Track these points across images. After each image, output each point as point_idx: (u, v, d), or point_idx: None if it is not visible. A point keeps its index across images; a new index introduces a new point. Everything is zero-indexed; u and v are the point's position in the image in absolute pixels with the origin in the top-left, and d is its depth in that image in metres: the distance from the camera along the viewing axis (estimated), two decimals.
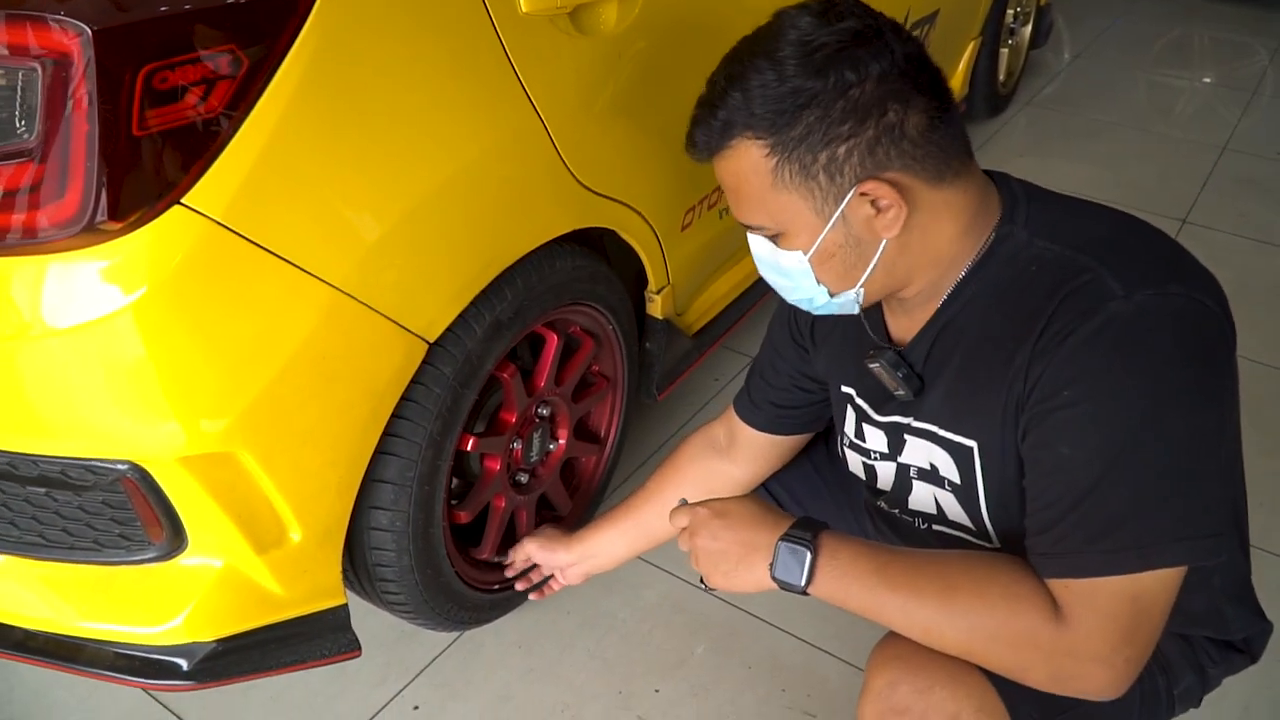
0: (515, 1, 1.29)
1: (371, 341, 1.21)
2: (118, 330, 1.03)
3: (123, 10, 0.95)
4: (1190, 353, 0.88)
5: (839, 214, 0.95)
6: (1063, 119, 3.92)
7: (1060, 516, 0.91)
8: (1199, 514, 0.88)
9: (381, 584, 1.42)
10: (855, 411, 1.18)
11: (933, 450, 1.07)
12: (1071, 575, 0.90)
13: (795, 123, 0.91)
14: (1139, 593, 0.88)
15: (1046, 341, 0.91)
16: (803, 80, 0.90)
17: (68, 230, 0.99)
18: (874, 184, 0.92)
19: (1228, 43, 5.00)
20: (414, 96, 1.19)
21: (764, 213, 0.98)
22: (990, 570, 0.95)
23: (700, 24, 1.64)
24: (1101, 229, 0.97)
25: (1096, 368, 0.88)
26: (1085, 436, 0.89)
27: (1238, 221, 3.12)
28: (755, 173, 0.95)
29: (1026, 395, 0.93)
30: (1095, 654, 0.89)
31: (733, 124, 0.94)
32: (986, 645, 0.93)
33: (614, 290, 1.65)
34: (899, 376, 1.06)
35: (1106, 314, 0.88)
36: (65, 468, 1.14)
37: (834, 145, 0.92)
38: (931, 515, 1.13)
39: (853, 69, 0.90)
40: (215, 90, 1.02)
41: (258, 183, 1.06)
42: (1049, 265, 0.94)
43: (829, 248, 0.97)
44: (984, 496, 1.05)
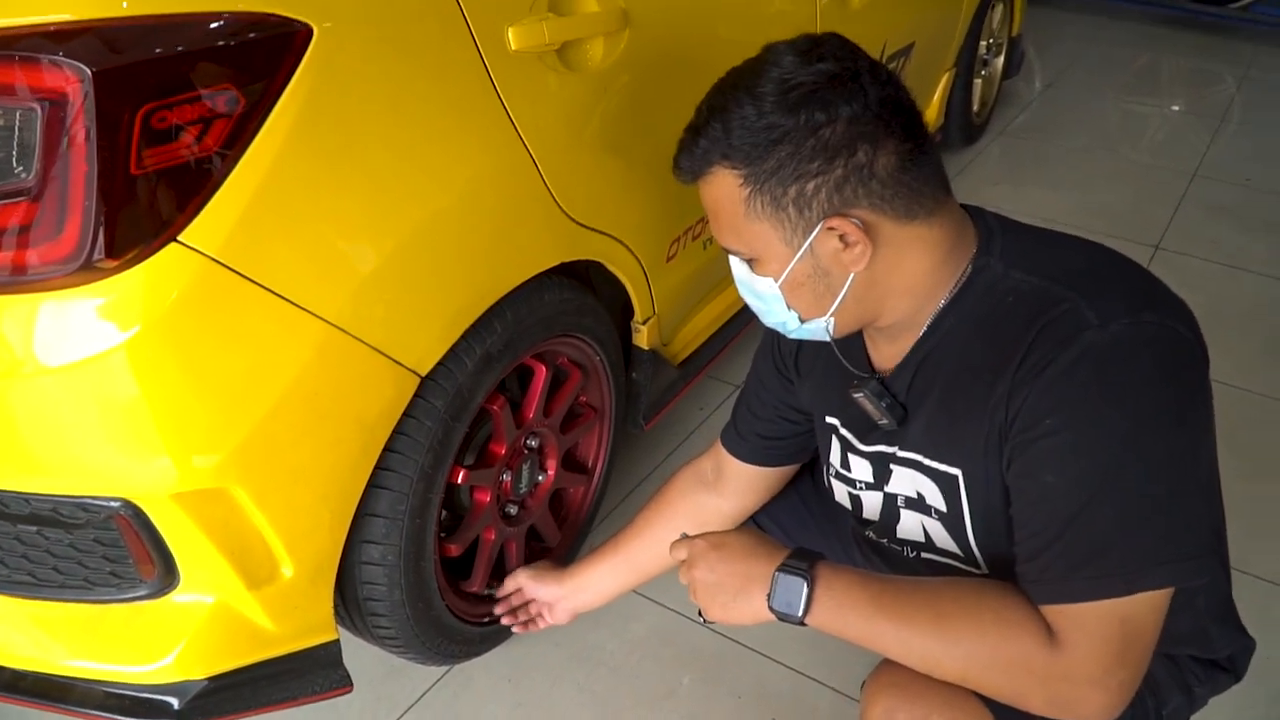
0: (505, 40, 1.31)
1: (364, 375, 1.22)
2: (114, 367, 1.03)
3: (122, 51, 0.96)
4: (1165, 379, 0.91)
5: (806, 246, 0.99)
6: (1035, 147, 3.99)
7: (1047, 544, 0.93)
8: (1181, 536, 0.90)
9: (373, 618, 1.42)
10: (840, 442, 1.20)
11: (919, 479, 1.09)
12: (1061, 601, 0.92)
13: (768, 156, 0.96)
14: (1127, 616, 0.90)
15: (1026, 371, 0.93)
16: (778, 117, 0.94)
17: (65, 268, 1.00)
18: (839, 220, 0.96)
19: (1196, 70, 5.11)
20: (406, 133, 1.21)
21: (738, 238, 1.03)
22: (982, 597, 0.97)
23: (683, 58, 1.66)
24: (1075, 260, 1.00)
25: (1076, 396, 0.90)
26: (1067, 464, 0.91)
27: (1209, 247, 3.17)
28: (730, 200, 1.00)
29: (1009, 424, 0.95)
30: (1089, 677, 0.90)
31: (711, 152, 0.99)
32: (982, 672, 0.94)
33: (601, 322, 1.67)
34: (883, 406, 1.08)
35: (1084, 343, 0.90)
36: (57, 505, 1.14)
37: (803, 181, 0.96)
38: (920, 543, 1.15)
39: (823, 110, 0.94)
40: (212, 129, 1.02)
41: (253, 220, 1.07)
42: (1026, 296, 0.97)
43: (798, 277, 1.01)
44: (970, 524, 1.07)
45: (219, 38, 1.02)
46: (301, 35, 1.07)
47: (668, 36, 1.63)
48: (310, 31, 1.08)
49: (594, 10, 1.46)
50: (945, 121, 3.42)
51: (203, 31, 1.01)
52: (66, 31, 0.95)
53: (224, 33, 1.02)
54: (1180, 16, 5.73)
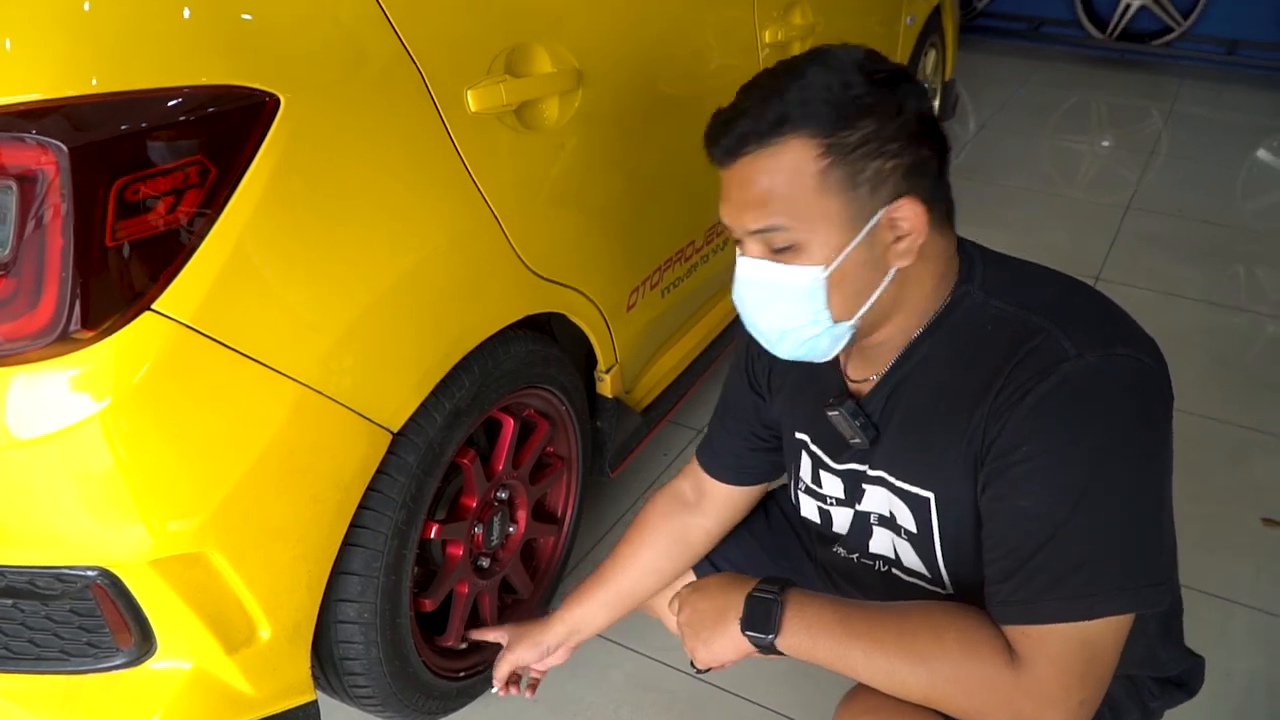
0: (465, 102, 1.35)
1: (339, 434, 1.23)
2: (90, 437, 1.04)
3: (94, 128, 0.98)
4: (1136, 411, 0.95)
5: (868, 229, 0.98)
6: (975, 187, 4.11)
7: (1018, 566, 0.95)
8: (1144, 564, 0.94)
9: (350, 678, 1.42)
10: (811, 458, 1.21)
11: (891, 499, 1.11)
12: (1026, 622, 0.94)
13: (854, 129, 0.95)
14: (1089, 639, 0.93)
15: (1004, 399, 0.96)
16: (865, 91, 0.96)
17: (40, 340, 1.01)
18: (909, 203, 0.98)
19: (1124, 106, 5.30)
20: (372, 196, 1.24)
21: (794, 215, 0.98)
22: (948, 620, 0.99)
23: (635, 114, 1.73)
24: (1052, 292, 1.04)
25: (1052, 425, 0.94)
26: (1041, 491, 0.94)
27: (1146, 276, 3.29)
28: (800, 172, 0.96)
29: (985, 450, 0.98)
30: (1050, 697, 0.93)
31: (789, 118, 0.96)
32: (947, 691, 0.96)
33: (566, 372, 1.70)
34: (856, 425, 1.10)
35: (1061, 374, 0.94)
36: (33, 577, 1.14)
37: (883, 159, 0.96)
38: (890, 559, 1.17)
39: (904, 97, 0.97)
40: (184, 199, 1.05)
41: (225, 286, 1.09)
42: (1005, 325, 1.00)
43: (849, 266, 0.99)
44: (940, 546, 1.09)
45: (188, 110, 1.04)
46: (269, 105, 1.10)
47: (620, 94, 1.69)
48: (278, 101, 1.11)
49: (549, 71, 1.50)
50: None
51: (172, 105, 1.03)
52: (39, 110, 0.96)
53: (193, 105, 1.05)
54: (1107, 56, 5.95)
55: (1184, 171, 4.32)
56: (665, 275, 1.98)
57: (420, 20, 1.29)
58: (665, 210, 1.92)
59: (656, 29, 1.80)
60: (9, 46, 0.98)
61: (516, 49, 1.45)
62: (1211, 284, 3.25)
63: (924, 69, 3.73)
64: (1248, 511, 2.19)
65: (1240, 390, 2.66)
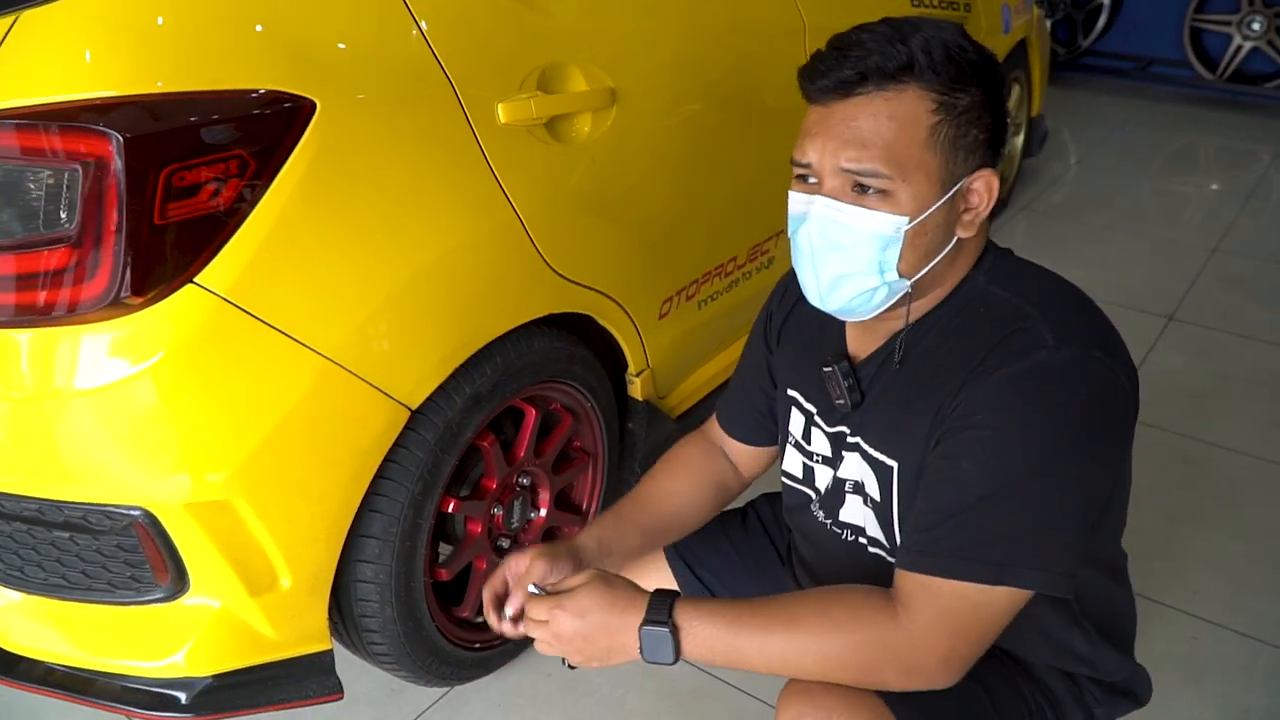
0: (495, 114, 1.49)
1: (358, 406, 1.37)
2: (136, 390, 1.21)
3: (151, 121, 1.15)
4: (1095, 414, 0.99)
5: (953, 192, 1.03)
6: (1060, 224, 4.08)
7: (942, 520, 1.00)
8: (1059, 552, 0.99)
9: (367, 634, 1.55)
10: (804, 415, 1.26)
11: (863, 466, 1.16)
12: (933, 573, 0.99)
13: (966, 92, 1.00)
14: (983, 602, 0.98)
15: (981, 372, 1.01)
16: (980, 61, 1.01)
17: (97, 305, 1.18)
18: (988, 175, 1.04)
19: (1229, 149, 5.17)
20: (399, 193, 1.38)
21: (896, 163, 1.00)
22: (834, 597, 1.05)
23: (668, 134, 1.83)
24: (1048, 288, 1.08)
25: (1012, 402, 0.99)
26: (985, 458, 0.99)
27: (1221, 318, 3.23)
28: (913, 122, 0.99)
29: (950, 414, 1.03)
30: (932, 646, 0.99)
31: (916, 65, 0.98)
32: (839, 659, 1.01)
33: (592, 371, 1.81)
34: (845, 387, 1.15)
35: (1034, 359, 0.99)
36: (86, 513, 1.30)
37: (979, 129, 1.02)
38: (858, 528, 1.21)
39: (1005, 79, 1.05)
40: (226, 187, 1.20)
41: (260, 266, 1.24)
42: (997, 309, 1.05)
43: (928, 225, 1.03)
44: (898, 517, 1.13)
45: (234, 110, 1.20)
46: (306, 109, 1.26)
47: (655, 113, 1.80)
48: (314, 106, 1.26)
49: (582, 89, 1.63)
50: None
51: (221, 104, 1.20)
52: (107, 105, 1.14)
53: (239, 105, 1.21)
54: (1217, 97, 5.81)
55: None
56: (702, 288, 2.08)
57: (455, 38, 1.43)
58: (704, 225, 2.01)
59: (694, 50, 1.90)
60: (89, 57, 1.16)
61: (551, 67, 1.58)
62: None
63: (1007, 104, 3.75)
64: None
65: None
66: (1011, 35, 3.53)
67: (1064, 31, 6.25)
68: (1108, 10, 5.99)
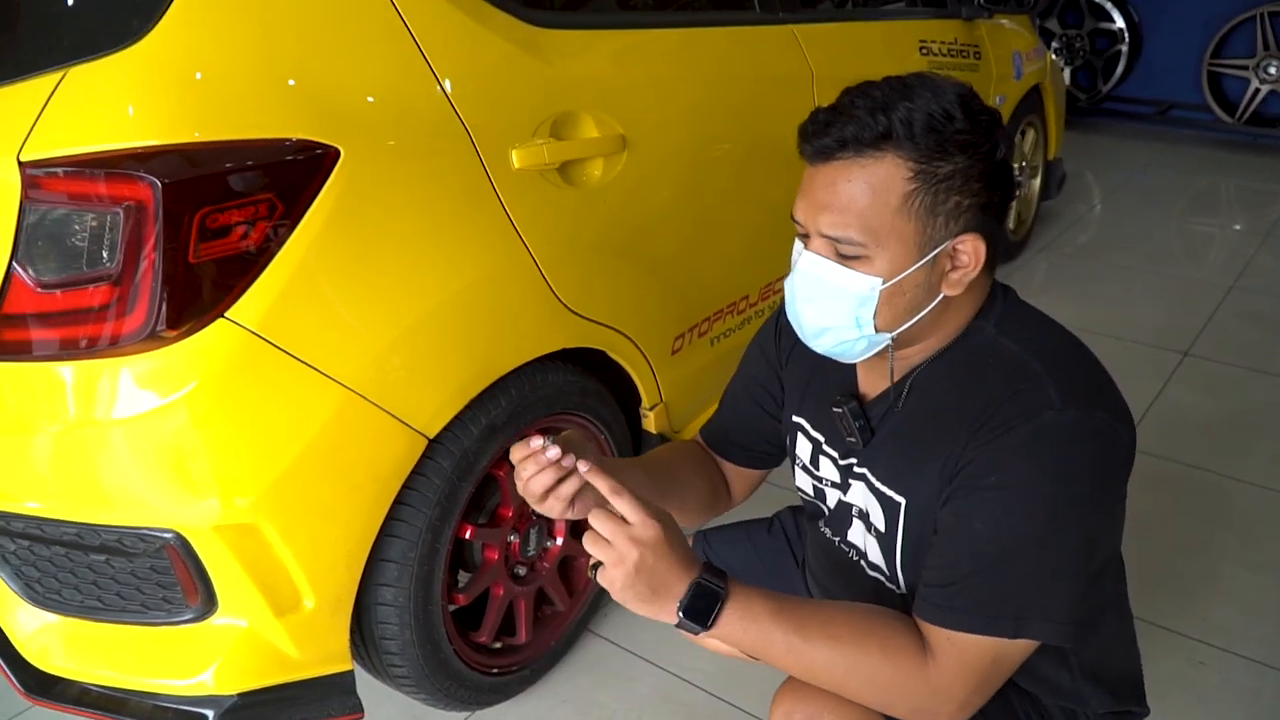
0: (509, 159, 1.57)
1: (378, 434, 1.45)
2: (170, 418, 1.29)
3: (186, 167, 1.24)
4: (1098, 471, 1.05)
5: (933, 255, 1.05)
6: (1081, 264, 4.13)
7: (959, 578, 1.05)
8: (1069, 604, 1.04)
9: (387, 656, 1.61)
10: (811, 442, 1.31)
11: (869, 497, 1.21)
12: (954, 628, 1.04)
13: (947, 161, 1.02)
14: (1000, 655, 1.04)
15: (990, 430, 1.05)
16: (966, 127, 1.02)
17: (135, 338, 1.26)
18: (974, 239, 1.06)
19: (1249, 190, 5.20)
20: (417, 234, 1.46)
21: (868, 229, 1.04)
22: (871, 620, 1.09)
23: (679, 177, 1.92)
24: (1055, 344, 1.13)
25: (1022, 465, 1.03)
26: (998, 518, 1.04)
27: (1237, 353, 3.25)
28: (888, 190, 1.03)
29: (958, 469, 1.07)
30: (951, 695, 1.03)
31: (893, 135, 1.01)
32: (860, 683, 1.06)
33: (605, 404, 1.88)
34: (856, 426, 1.19)
35: (1042, 420, 1.03)
36: (122, 536, 1.38)
37: (963, 195, 1.04)
38: (860, 551, 1.26)
39: (1000, 144, 1.05)
40: (256, 228, 1.29)
41: (287, 302, 1.33)
42: (1005, 362, 1.09)
43: (905, 285, 1.06)
44: (900, 549, 1.18)
45: (265, 156, 1.29)
46: (331, 156, 1.35)
47: (665, 158, 1.88)
48: (338, 153, 1.35)
49: (593, 135, 1.72)
50: None
51: (252, 152, 1.29)
52: (148, 153, 1.23)
53: (269, 153, 1.30)
54: (1238, 140, 5.85)
55: None
56: (715, 325, 2.15)
57: (471, 90, 1.52)
58: (715, 265, 2.09)
59: (704, 97, 1.99)
60: (133, 109, 1.25)
61: (563, 115, 1.67)
62: None
63: (1022, 148, 3.82)
64: None
65: None
66: (1024, 81, 3.62)
67: (1085, 78, 6.34)
68: (1126, 56, 6.08)
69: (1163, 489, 2.52)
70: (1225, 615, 2.08)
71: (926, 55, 2.89)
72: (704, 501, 1.41)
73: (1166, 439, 2.74)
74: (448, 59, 1.50)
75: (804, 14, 2.35)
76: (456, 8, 1.54)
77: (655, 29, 2.01)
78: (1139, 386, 2.99)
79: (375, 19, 1.44)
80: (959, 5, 3.15)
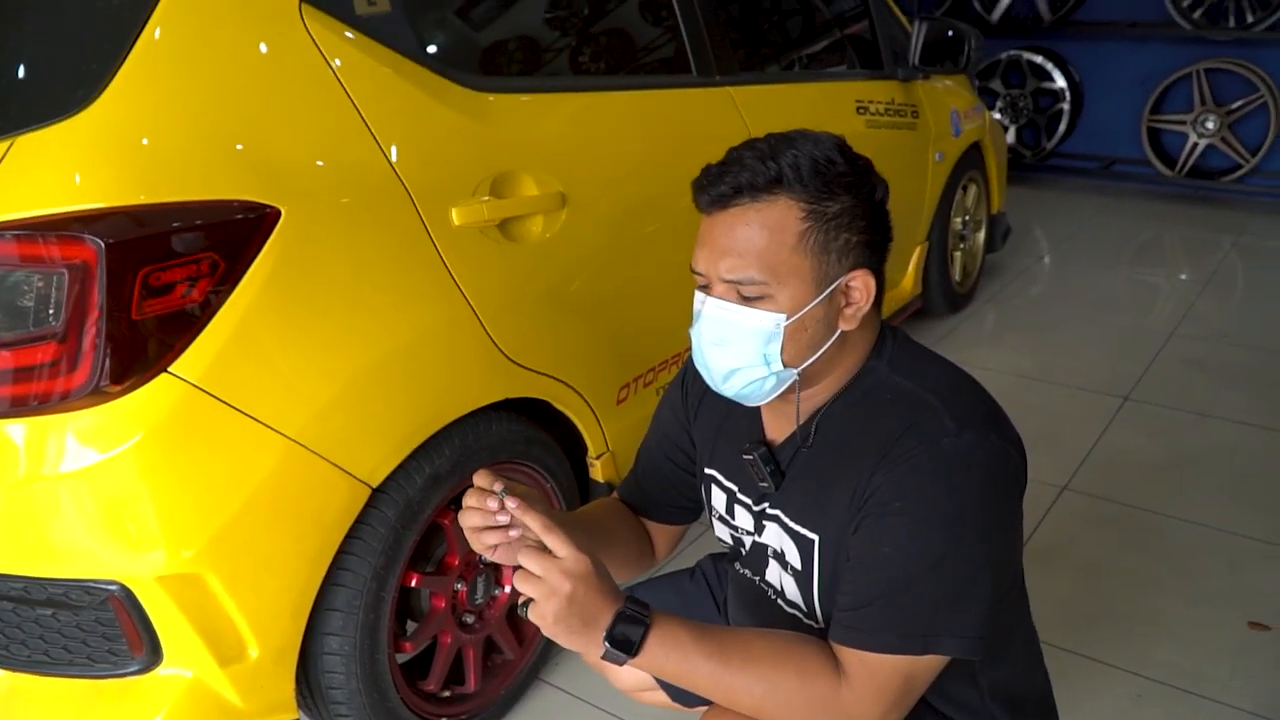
0: (449, 216, 1.64)
1: (321, 484, 1.48)
2: (114, 471, 1.32)
3: (130, 228, 1.29)
4: (995, 492, 1.12)
5: (830, 290, 1.13)
6: (1026, 314, 4.24)
7: (870, 600, 1.10)
8: (973, 620, 1.09)
9: (334, 706, 1.63)
10: (725, 493, 1.36)
11: (783, 536, 1.26)
12: (866, 648, 1.09)
13: (835, 201, 1.11)
14: (912, 673, 1.09)
15: (892, 459, 1.11)
16: (847, 170, 1.12)
17: (80, 394, 1.30)
18: (865, 275, 1.14)
19: (1190, 240, 5.37)
20: (359, 289, 1.52)
21: (768, 268, 1.11)
22: (788, 646, 1.13)
23: (618, 233, 1.99)
24: (947, 379, 1.20)
25: (923, 487, 1.10)
26: (904, 541, 1.10)
27: (1178, 397, 3.34)
28: (783, 229, 1.10)
29: (866, 499, 1.13)
30: (867, 715, 1.08)
31: (784, 179, 1.09)
32: (778, 707, 1.10)
33: (550, 454, 1.92)
34: (767, 471, 1.25)
35: (939, 445, 1.10)
36: (68, 589, 1.40)
37: (852, 233, 1.12)
38: (777, 590, 1.31)
39: (876, 184, 1.15)
40: (198, 285, 1.34)
41: (229, 356, 1.37)
42: (902, 397, 1.17)
43: (807, 321, 1.13)
44: (817, 584, 1.23)
45: (206, 217, 1.35)
46: (272, 216, 1.41)
47: (604, 215, 1.96)
48: (279, 213, 1.41)
49: (533, 194, 1.79)
50: (924, 290, 3.70)
51: (195, 213, 1.35)
52: (92, 216, 1.28)
53: (210, 214, 1.36)
54: (1180, 193, 6.05)
55: (1240, 300, 4.38)
56: (659, 375, 2.21)
57: (411, 152, 1.59)
58: (656, 317, 2.15)
59: (642, 156, 2.08)
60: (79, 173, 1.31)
61: (504, 174, 1.74)
62: (1244, 405, 3.28)
63: (963, 202, 3.94)
64: (1238, 616, 2.23)
65: (1252, 504, 2.69)
66: (963, 139, 3.75)
67: (1030, 136, 6.54)
68: (1068, 115, 6.28)
69: (1104, 528, 2.59)
70: (1163, 649, 2.13)
71: (863, 114, 3.01)
72: (632, 557, 1.46)
73: (1106, 480, 2.81)
74: (388, 123, 1.58)
75: (740, 76, 2.46)
76: (397, 74, 1.61)
77: (595, 92, 2.10)
78: (1082, 430, 3.06)
79: (318, 88, 1.51)
80: (895, 66, 3.27)
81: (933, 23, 3.31)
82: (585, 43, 2.21)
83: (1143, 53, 6.07)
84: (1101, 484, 2.78)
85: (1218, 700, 1.98)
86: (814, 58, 3.14)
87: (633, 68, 2.31)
